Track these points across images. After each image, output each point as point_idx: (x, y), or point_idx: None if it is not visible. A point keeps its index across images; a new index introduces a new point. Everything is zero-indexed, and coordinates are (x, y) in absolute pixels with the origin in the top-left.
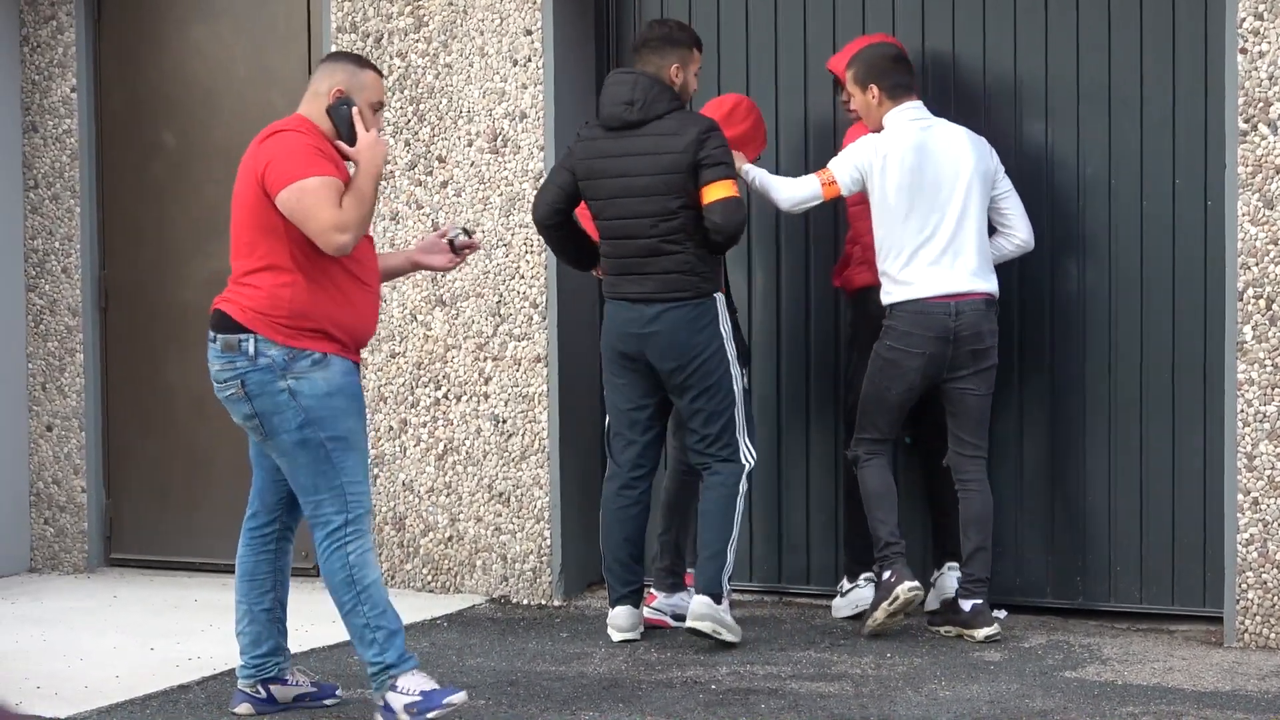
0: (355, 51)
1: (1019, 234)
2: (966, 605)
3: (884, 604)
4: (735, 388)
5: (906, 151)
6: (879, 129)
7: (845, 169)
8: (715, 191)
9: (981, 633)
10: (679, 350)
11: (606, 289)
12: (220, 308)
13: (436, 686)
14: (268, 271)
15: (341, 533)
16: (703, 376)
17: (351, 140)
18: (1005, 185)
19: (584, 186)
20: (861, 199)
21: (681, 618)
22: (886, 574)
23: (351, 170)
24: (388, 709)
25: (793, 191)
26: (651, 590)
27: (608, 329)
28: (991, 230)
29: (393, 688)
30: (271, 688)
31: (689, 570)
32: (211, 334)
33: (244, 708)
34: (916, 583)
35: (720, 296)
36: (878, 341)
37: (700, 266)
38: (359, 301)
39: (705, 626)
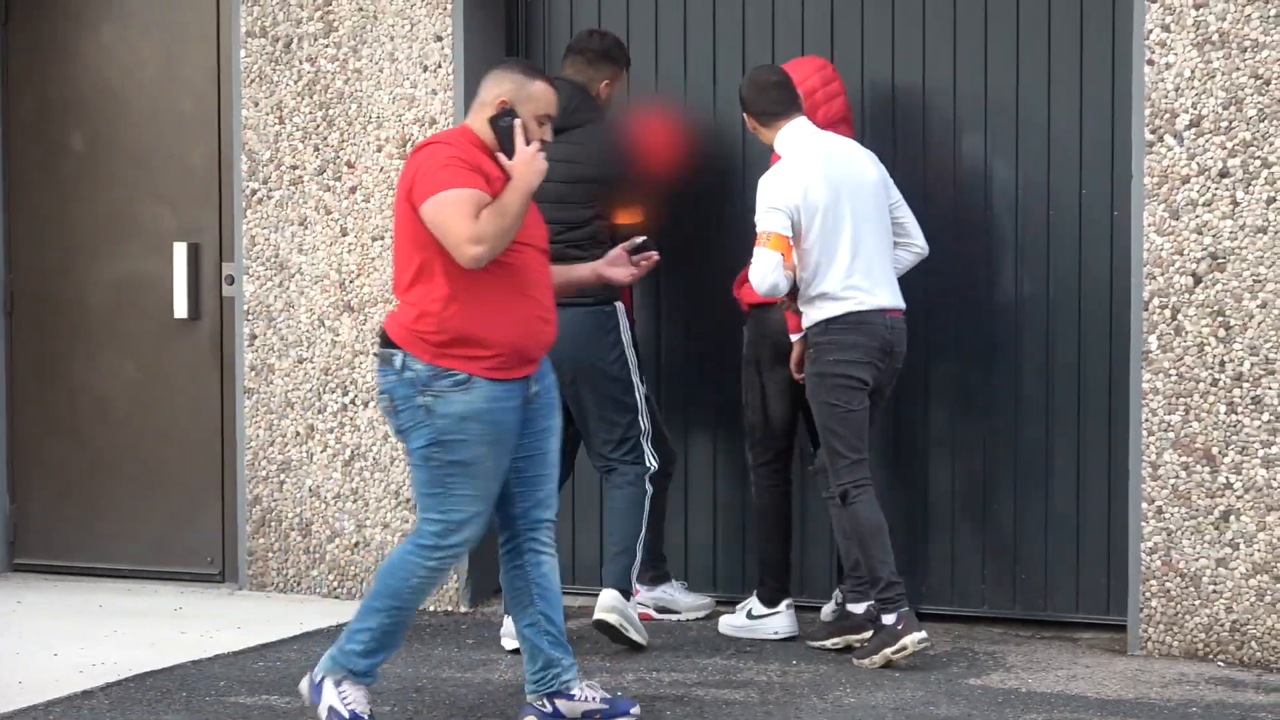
0: (527, 60)
1: (917, 242)
2: (890, 617)
3: (888, 651)
4: (638, 393)
5: (818, 172)
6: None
7: (775, 219)
8: (625, 216)
9: (912, 639)
10: (581, 354)
11: None
12: (384, 324)
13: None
14: (421, 286)
15: (427, 553)
16: (601, 380)
17: (511, 153)
18: (897, 195)
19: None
20: None
21: (665, 610)
22: (890, 618)
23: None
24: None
25: (759, 276)
26: (635, 585)
27: None
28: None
29: (336, 683)
30: (558, 702)
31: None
32: (376, 348)
33: None
34: (925, 635)
35: (620, 304)
36: (814, 366)
37: None
38: (519, 314)
39: (613, 619)
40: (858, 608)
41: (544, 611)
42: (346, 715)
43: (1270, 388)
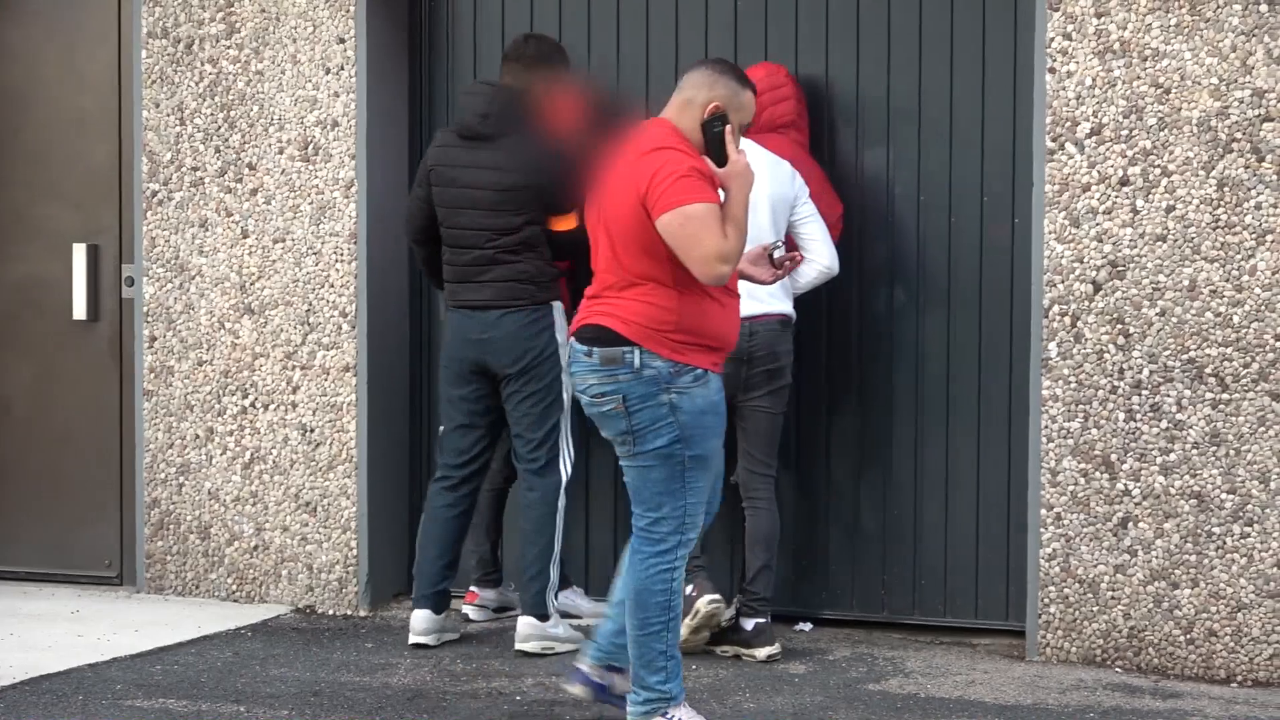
0: (734, 65)
1: (821, 260)
2: (749, 624)
3: (686, 620)
4: (564, 396)
5: None
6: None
7: None
8: (559, 223)
9: (763, 652)
10: (515, 352)
11: (447, 297)
12: (596, 322)
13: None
14: (648, 285)
15: (672, 555)
16: (535, 379)
17: (720, 160)
18: (805, 211)
19: (435, 192)
20: None
21: (568, 615)
22: (688, 588)
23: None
24: None
25: None
26: (551, 606)
27: (449, 339)
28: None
29: (664, 715)
30: (614, 676)
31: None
32: (585, 348)
33: (577, 688)
34: (718, 595)
35: (558, 305)
36: None
37: (538, 276)
38: (730, 312)
39: (532, 647)
40: (747, 623)
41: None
42: None
43: (1169, 395)
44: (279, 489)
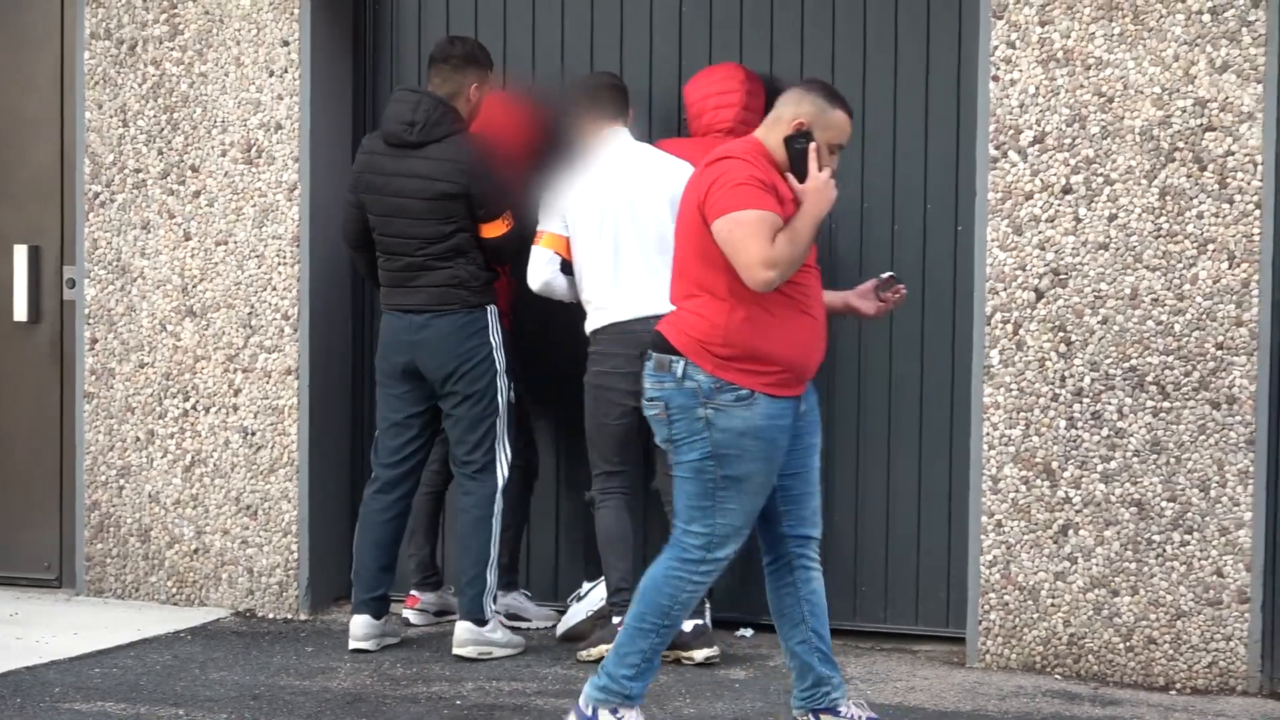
0: (829, 85)
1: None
2: (687, 626)
3: (604, 647)
4: (500, 399)
5: (595, 179)
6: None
7: (550, 216)
8: (489, 230)
9: (700, 654)
10: (447, 355)
11: (382, 300)
12: (659, 329)
13: None
14: (706, 298)
15: (693, 567)
16: (469, 382)
17: (802, 177)
18: None
19: (365, 200)
20: None
21: (516, 618)
22: (616, 619)
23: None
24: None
25: (532, 273)
26: (489, 610)
27: (382, 340)
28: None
29: (613, 711)
30: (823, 718)
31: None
32: (648, 353)
33: None
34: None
35: (493, 308)
36: (586, 373)
37: (470, 281)
38: (801, 331)
39: (469, 652)
40: (685, 625)
41: (815, 629)
42: None
43: (1110, 403)
44: (220, 492)
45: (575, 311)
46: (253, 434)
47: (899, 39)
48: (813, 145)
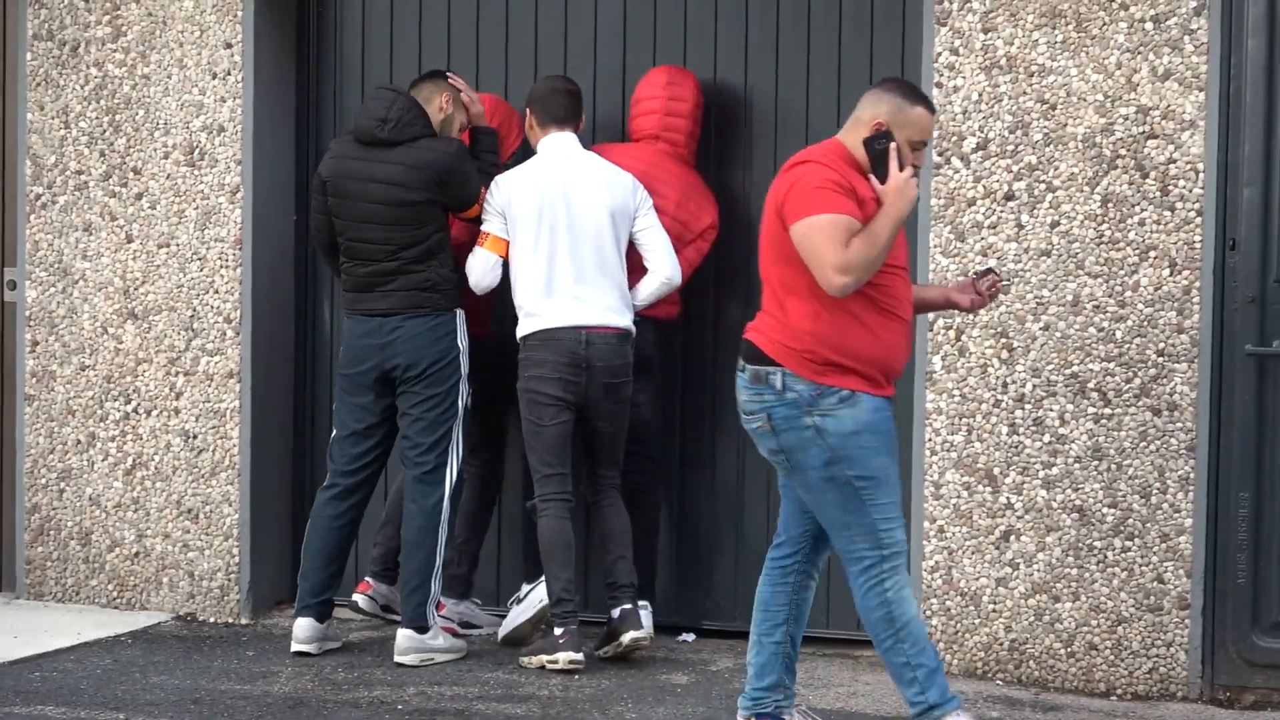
0: (909, 83)
1: (661, 271)
2: (615, 612)
3: (544, 657)
4: (460, 404)
5: (535, 184)
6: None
7: (491, 219)
8: (471, 213)
9: (628, 636)
10: (416, 355)
11: (346, 305)
12: (749, 338)
13: None
14: (791, 302)
15: (877, 570)
16: (433, 384)
17: (883, 177)
18: (645, 222)
19: (333, 204)
20: None
21: (469, 625)
22: (558, 630)
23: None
24: None
25: (475, 276)
26: (441, 599)
27: (347, 345)
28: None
29: None
30: None
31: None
32: (741, 363)
33: None
34: (580, 657)
35: (460, 313)
36: (519, 380)
37: (441, 284)
38: (885, 333)
39: (411, 660)
40: (614, 611)
41: (793, 635)
42: None
43: (1051, 409)
44: (161, 495)
45: None
46: (194, 437)
47: (842, 46)
48: (893, 145)
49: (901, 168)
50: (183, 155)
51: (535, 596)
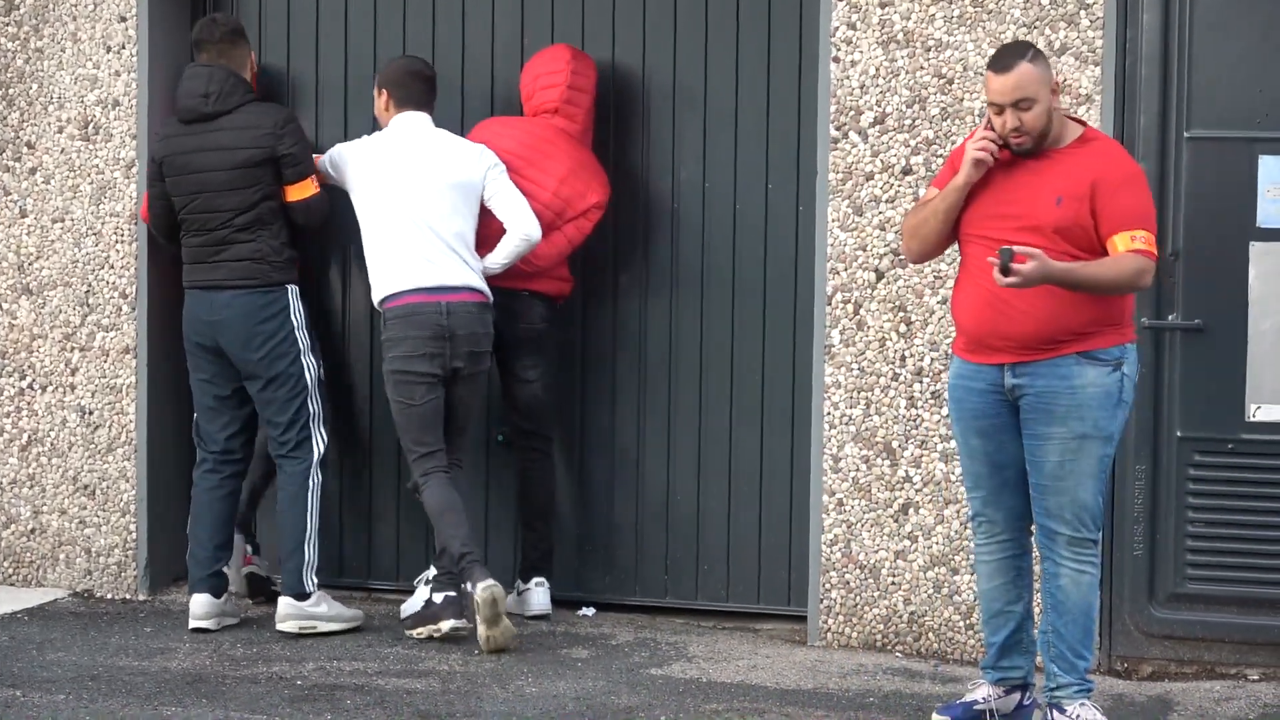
0: (1009, 45)
1: (519, 228)
2: (438, 598)
3: (480, 618)
4: (308, 376)
5: (378, 158)
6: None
7: (323, 157)
8: (296, 192)
9: (447, 625)
10: (248, 337)
11: (185, 278)
12: None
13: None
14: None
15: (974, 524)
16: (271, 364)
17: None
18: (496, 187)
19: (169, 183)
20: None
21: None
22: (467, 584)
23: None
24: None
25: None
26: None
27: (186, 319)
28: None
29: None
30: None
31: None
32: None
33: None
34: (463, 623)
35: (294, 287)
36: (384, 360)
37: (272, 256)
38: (969, 298)
39: (290, 627)
40: (438, 596)
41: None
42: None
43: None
44: (57, 472)
45: None
46: (90, 413)
47: (740, 19)
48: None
49: (998, 139)
50: (77, 130)
51: (419, 597)
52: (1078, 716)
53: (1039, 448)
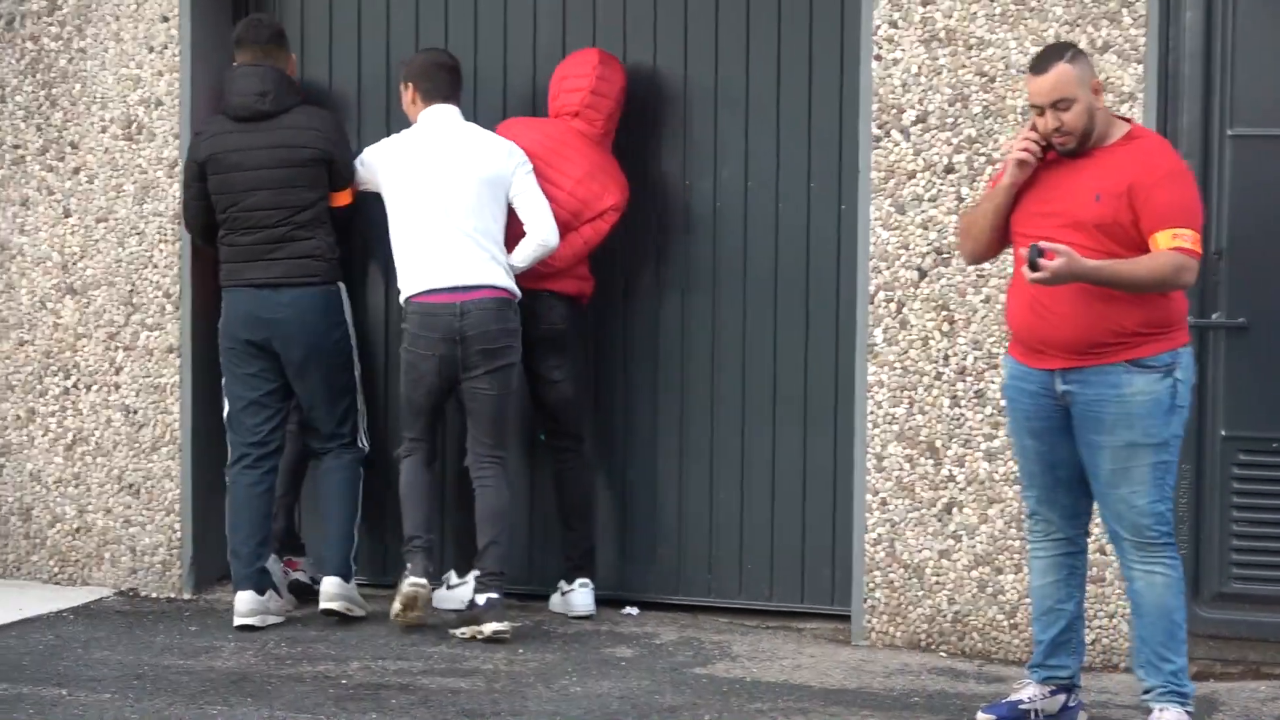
0: (1055, 45)
1: (537, 233)
2: (481, 599)
3: (398, 601)
4: (355, 375)
5: (407, 154)
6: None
7: (356, 178)
8: (341, 199)
9: (488, 628)
10: (306, 335)
11: (226, 277)
12: None
13: None
14: None
15: (1028, 528)
16: (327, 360)
17: None
18: (521, 187)
19: (214, 181)
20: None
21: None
22: (407, 567)
23: None
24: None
25: None
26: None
27: (231, 318)
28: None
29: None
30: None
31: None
32: None
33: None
34: (422, 580)
35: (343, 286)
36: (402, 344)
37: (328, 254)
38: (1017, 301)
39: (339, 606)
40: (480, 598)
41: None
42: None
43: (993, 382)
44: (102, 471)
45: None
46: (135, 412)
47: (781, 18)
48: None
49: (1041, 139)
50: (120, 129)
51: (463, 593)
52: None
53: (1092, 455)
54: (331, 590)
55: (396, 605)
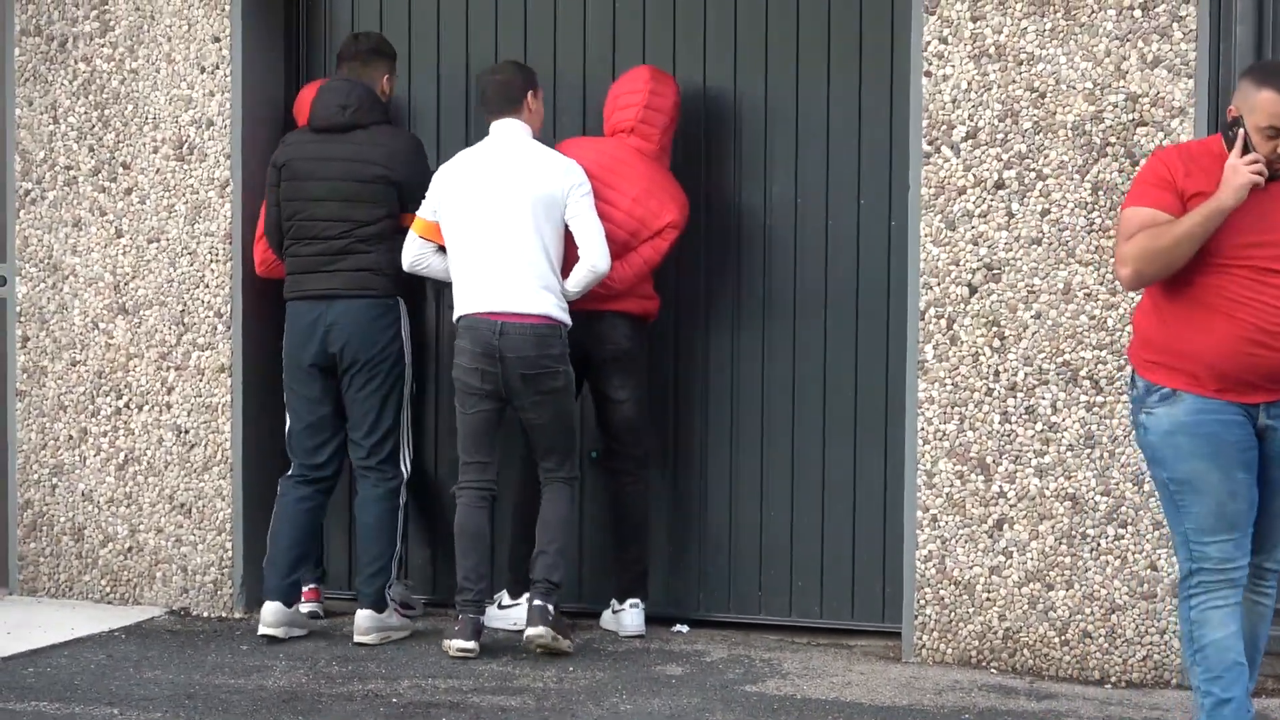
0: (1267, 64)
1: (588, 259)
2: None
3: (446, 643)
4: (405, 391)
5: (464, 171)
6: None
7: (425, 203)
8: (407, 220)
9: (528, 631)
10: (360, 342)
11: (288, 289)
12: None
13: None
14: (1144, 298)
15: (1187, 584)
16: (378, 372)
17: None
18: (576, 209)
19: (284, 189)
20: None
21: (406, 606)
22: (458, 619)
23: None
24: None
25: (404, 257)
26: (390, 599)
27: (290, 334)
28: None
29: None
30: None
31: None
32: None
33: None
34: (470, 645)
35: (403, 301)
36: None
37: (388, 269)
38: (1208, 331)
39: (372, 639)
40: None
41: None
42: None
43: (1043, 398)
44: (153, 490)
45: None
46: (186, 432)
47: (831, 35)
48: (1241, 132)
49: (1245, 155)
50: (172, 150)
51: (516, 614)
52: None
53: (1273, 496)
54: (364, 624)
55: (448, 643)
